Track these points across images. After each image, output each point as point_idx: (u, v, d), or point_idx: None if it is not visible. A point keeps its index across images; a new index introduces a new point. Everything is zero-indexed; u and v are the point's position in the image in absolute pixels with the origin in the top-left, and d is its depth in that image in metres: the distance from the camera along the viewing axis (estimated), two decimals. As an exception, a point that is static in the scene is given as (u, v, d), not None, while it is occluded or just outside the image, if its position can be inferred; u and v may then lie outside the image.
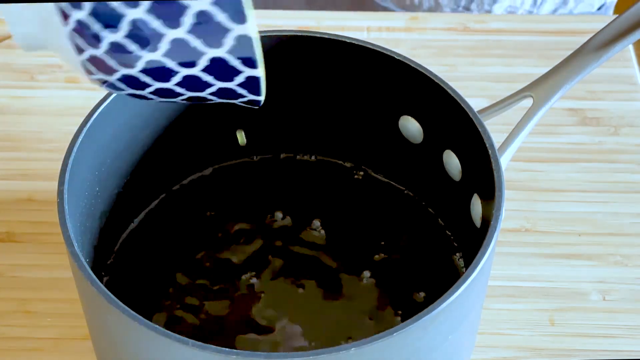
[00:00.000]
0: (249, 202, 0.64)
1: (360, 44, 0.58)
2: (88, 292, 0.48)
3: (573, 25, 0.81)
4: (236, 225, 0.63)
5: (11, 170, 0.70)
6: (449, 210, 0.61)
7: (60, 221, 0.50)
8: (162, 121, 0.60)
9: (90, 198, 0.56)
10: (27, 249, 0.65)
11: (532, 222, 0.67)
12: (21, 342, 0.61)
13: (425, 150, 0.60)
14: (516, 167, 0.70)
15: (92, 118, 0.54)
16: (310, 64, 0.60)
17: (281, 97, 0.62)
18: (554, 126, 0.73)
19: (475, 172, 0.55)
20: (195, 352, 0.45)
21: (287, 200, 0.64)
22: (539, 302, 0.63)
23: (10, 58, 0.77)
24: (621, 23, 0.56)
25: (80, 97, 0.74)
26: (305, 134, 0.65)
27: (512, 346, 0.62)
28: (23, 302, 0.63)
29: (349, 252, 0.62)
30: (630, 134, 0.73)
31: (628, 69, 0.77)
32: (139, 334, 0.46)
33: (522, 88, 0.57)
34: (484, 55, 0.78)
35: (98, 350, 0.55)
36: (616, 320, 0.63)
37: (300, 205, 0.64)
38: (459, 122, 0.55)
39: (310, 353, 0.45)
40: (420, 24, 0.80)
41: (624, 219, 0.68)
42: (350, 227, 0.63)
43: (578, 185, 0.70)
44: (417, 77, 0.57)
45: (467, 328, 0.52)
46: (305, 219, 0.63)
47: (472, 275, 0.48)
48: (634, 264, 0.65)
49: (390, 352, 0.46)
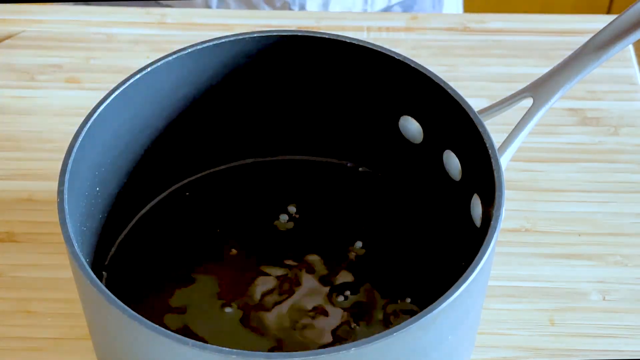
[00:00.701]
0: (250, 202, 0.64)
1: (360, 44, 0.58)
2: (88, 292, 0.48)
3: (573, 25, 0.81)
4: (236, 225, 0.63)
5: (11, 170, 0.70)
6: (449, 210, 0.61)
7: (60, 221, 0.50)
8: (162, 121, 0.60)
9: (90, 198, 0.56)
10: (27, 249, 0.65)
11: (532, 222, 0.67)
12: (21, 342, 0.61)
13: (425, 150, 0.60)
14: (516, 167, 0.70)
15: (92, 118, 0.54)
16: (310, 64, 0.60)
17: (281, 97, 0.62)
18: (554, 126, 0.73)
19: (475, 172, 0.55)
20: (195, 352, 0.45)
21: (287, 200, 0.64)
22: (539, 302, 0.63)
23: (10, 58, 0.77)
24: (621, 23, 0.56)
25: (80, 97, 0.74)
26: (305, 134, 0.65)
27: (512, 346, 0.62)
28: (23, 302, 0.63)
29: (347, 251, 0.62)
30: (630, 134, 0.73)
31: (628, 69, 0.77)
32: (139, 334, 0.46)
33: (522, 88, 0.57)
34: (484, 55, 0.78)
35: (98, 350, 0.55)
36: (616, 320, 0.63)
37: (300, 205, 0.64)
38: (459, 122, 0.55)
39: (310, 353, 0.45)
40: (420, 24, 0.80)
41: (624, 219, 0.68)
42: (350, 227, 0.63)
43: (578, 185, 0.70)
44: (417, 77, 0.57)
45: (467, 328, 0.52)
46: (305, 218, 0.63)
47: (472, 275, 0.48)
48: (634, 264, 0.65)
49: (390, 352, 0.46)
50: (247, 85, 0.61)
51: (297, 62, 0.60)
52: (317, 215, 0.63)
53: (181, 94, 0.60)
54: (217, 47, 0.58)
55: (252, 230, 0.62)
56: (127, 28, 0.80)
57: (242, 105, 0.62)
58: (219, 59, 0.59)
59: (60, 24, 0.80)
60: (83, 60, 0.77)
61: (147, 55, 0.77)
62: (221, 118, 0.63)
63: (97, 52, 0.78)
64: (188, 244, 0.62)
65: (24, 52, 0.78)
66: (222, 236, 0.62)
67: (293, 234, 0.62)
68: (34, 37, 0.79)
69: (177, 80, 0.59)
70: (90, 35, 0.79)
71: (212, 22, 0.80)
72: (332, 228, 0.63)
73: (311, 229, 0.63)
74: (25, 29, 0.80)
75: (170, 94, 0.59)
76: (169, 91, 0.59)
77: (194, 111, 0.61)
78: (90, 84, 0.75)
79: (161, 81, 0.58)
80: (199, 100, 0.61)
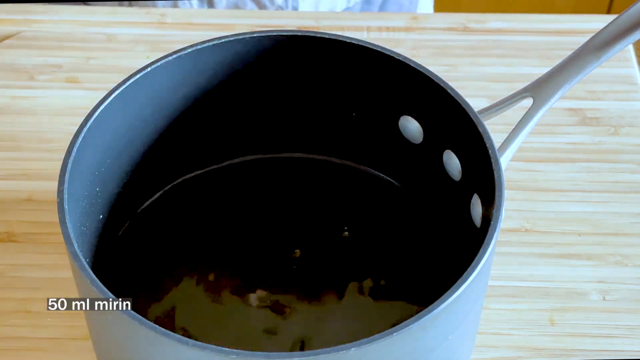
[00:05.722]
0: (250, 202, 0.64)
1: (360, 44, 0.58)
2: (88, 292, 0.48)
3: (573, 25, 0.81)
4: (236, 224, 0.63)
5: (11, 170, 0.70)
6: (449, 210, 0.61)
7: (60, 221, 0.50)
8: (161, 121, 0.60)
9: (90, 198, 0.56)
10: (27, 249, 0.65)
11: (532, 222, 0.68)
12: (21, 342, 0.61)
13: (425, 150, 0.60)
14: (516, 167, 0.70)
15: (92, 118, 0.54)
16: (310, 64, 0.60)
17: (281, 97, 0.62)
18: (554, 126, 0.73)
19: (475, 172, 0.55)
20: (195, 352, 0.45)
21: (286, 200, 0.64)
22: (539, 302, 0.63)
23: (10, 58, 0.77)
24: (621, 23, 0.56)
25: (80, 97, 0.74)
26: (305, 134, 0.65)
27: (512, 346, 0.62)
28: (23, 302, 0.63)
29: (348, 251, 0.62)
30: (630, 134, 0.73)
31: (628, 69, 0.77)
32: (139, 334, 0.46)
33: (522, 88, 0.57)
34: (483, 55, 0.78)
35: (98, 350, 0.55)
36: (616, 320, 0.63)
37: (299, 205, 0.64)
38: (459, 122, 0.55)
39: (310, 353, 0.45)
40: (420, 24, 0.80)
41: (624, 219, 0.68)
42: (348, 226, 0.63)
43: (578, 185, 0.70)
44: (417, 77, 0.57)
45: (467, 328, 0.52)
46: (304, 218, 0.63)
47: (472, 275, 0.48)
48: (634, 264, 0.65)
49: (390, 352, 0.46)
50: (246, 85, 0.61)
51: (297, 62, 0.60)
52: (316, 214, 0.63)
53: (181, 94, 0.60)
54: (217, 47, 0.58)
55: (252, 229, 0.62)
56: (127, 28, 0.80)
57: (242, 105, 0.62)
58: (219, 59, 0.59)
59: (60, 24, 0.80)
60: (83, 60, 0.77)
61: (147, 55, 0.77)
62: (221, 118, 0.63)
63: (97, 52, 0.78)
64: (188, 243, 0.62)
65: (24, 52, 0.78)
66: (222, 235, 0.62)
67: (293, 232, 0.63)
68: (34, 37, 0.79)
69: (177, 80, 0.59)
70: (90, 35, 0.79)
71: (212, 22, 0.80)
72: (332, 227, 0.63)
73: (311, 229, 0.63)
74: (25, 29, 0.80)
75: (170, 93, 0.59)
76: (168, 91, 0.59)
77: (194, 111, 0.61)
78: (90, 84, 0.75)
79: (161, 81, 0.58)
80: (198, 100, 0.61)
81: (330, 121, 0.64)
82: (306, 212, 0.63)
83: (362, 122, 0.63)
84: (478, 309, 0.53)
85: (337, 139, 0.65)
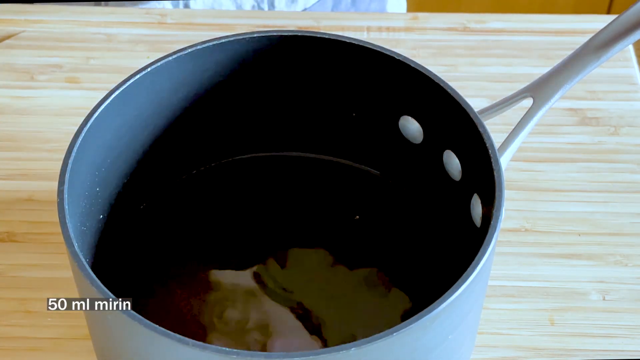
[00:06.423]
0: (250, 202, 0.64)
1: (360, 44, 0.58)
2: (88, 292, 0.48)
3: (573, 25, 0.81)
4: (236, 223, 0.63)
5: (11, 170, 0.70)
6: (449, 210, 0.61)
7: (60, 221, 0.50)
8: (161, 121, 0.60)
9: (90, 198, 0.56)
10: (27, 249, 0.65)
11: (532, 222, 0.67)
12: (21, 342, 0.61)
13: (425, 150, 0.60)
14: (516, 167, 0.70)
15: (92, 118, 0.54)
16: (310, 64, 0.60)
17: (281, 97, 0.62)
18: (554, 126, 0.73)
19: (475, 172, 0.55)
20: (195, 352, 0.45)
21: (286, 199, 0.64)
22: (539, 302, 0.63)
23: (10, 58, 0.77)
24: (621, 23, 0.56)
25: (80, 97, 0.74)
26: (305, 134, 0.65)
27: (512, 346, 0.62)
28: (23, 302, 0.63)
29: (347, 251, 0.62)
30: (630, 134, 0.73)
31: (628, 69, 0.77)
32: (139, 333, 0.46)
33: (522, 88, 0.57)
34: (483, 55, 0.78)
35: (98, 350, 0.55)
36: (616, 320, 0.63)
37: (299, 204, 0.64)
38: (459, 122, 0.55)
39: (310, 353, 0.45)
40: (420, 24, 0.80)
41: (624, 219, 0.68)
42: (347, 226, 0.63)
43: (578, 185, 0.70)
44: (417, 77, 0.57)
45: (467, 328, 0.52)
46: (304, 218, 0.63)
47: (472, 275, 0.48)
48: (634, 264, 0.65)
49: (390, 352, 0.46)
50: (247, 85, 0.61)
51: (297, 62, 0.60)
52: (315, 213, 0.63)
53: (181, 94, 0.60)
54: (217, 47, 0.58)
55: (252, 228, 0.62)
56: (127, 28, 0.80)
57: (242, 105, 0.62)
58: (219, 59, 0.59)
59: (60, 24, 0.80)
60: (83, 60, 0.77)
61: (147, 55, 0.77)
62: (221, 118, 0.63)
63: (97, 52, 0.78)
64: (188, 243, 0.62)
65: (24, 52, 0.78)
66: (221, 235, 0.62)
67: (293, 231, 0.63)
68: (34, 37, 0.79)
69: (177, 80, 0.59)
70: (90, 35, 0.79)
71: (212, 22, 0.80)
72: (332, 227, 0.63)
73: (311, 228, 0.63)
74: (25, 29, 0.80)
75: (170, 94, 0.59)
76: (169, 91, 0.59)
77: (194, 111, 0.61)
78: (90, 84, 0.75)
79: (161, 81, 0.58)
80: (198, 100, 0.61)
81: (330, 121, 0.64)
82: (306, 211, 0.63)
83: (362, 122, 0.63)
84: (478, 308, 0.53)
85: (337, 139, 0.65)
